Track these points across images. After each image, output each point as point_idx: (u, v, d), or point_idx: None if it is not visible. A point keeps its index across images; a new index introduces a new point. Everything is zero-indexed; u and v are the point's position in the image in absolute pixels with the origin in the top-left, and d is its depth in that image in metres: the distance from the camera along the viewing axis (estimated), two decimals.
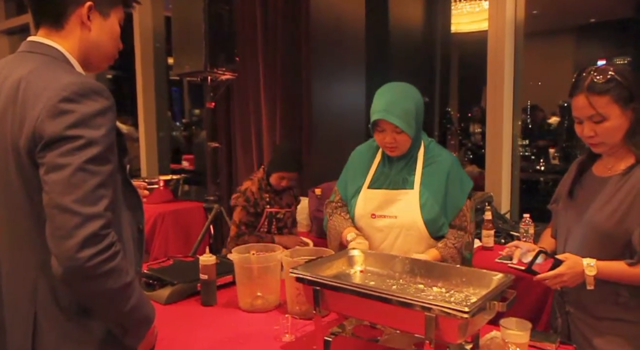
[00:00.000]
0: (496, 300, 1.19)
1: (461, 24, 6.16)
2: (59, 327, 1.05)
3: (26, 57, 1.10)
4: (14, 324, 1.08)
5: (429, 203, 1.74)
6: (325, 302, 1.35)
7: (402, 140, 1.73)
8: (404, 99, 1.73)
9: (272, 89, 3.47)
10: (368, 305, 1.26)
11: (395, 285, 1.45)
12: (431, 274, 1.46)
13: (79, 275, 0.95)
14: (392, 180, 1.81)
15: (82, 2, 1.11)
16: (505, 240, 2.68)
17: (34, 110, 0.99)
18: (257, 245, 1.85)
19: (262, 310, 1.73)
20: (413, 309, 1.17)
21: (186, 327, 1.61)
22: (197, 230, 3.48)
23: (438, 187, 1.76)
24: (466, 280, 1.39)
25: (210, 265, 1.77)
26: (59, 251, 0.95)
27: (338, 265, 1.55)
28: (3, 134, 1.03)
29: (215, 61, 3.11)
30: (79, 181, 0.96)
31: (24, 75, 1.04)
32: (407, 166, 1.81)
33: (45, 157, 0.97)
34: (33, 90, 1.01)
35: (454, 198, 1.78)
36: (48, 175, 0.96)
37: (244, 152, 3.72)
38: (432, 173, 1.78)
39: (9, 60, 1.12)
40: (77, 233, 0.94)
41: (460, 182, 1.80)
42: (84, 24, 1.12)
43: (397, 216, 1.76)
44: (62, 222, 0.94)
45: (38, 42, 1.11)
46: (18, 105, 1.02)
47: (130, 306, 1.04)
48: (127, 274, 1.02)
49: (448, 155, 1.84)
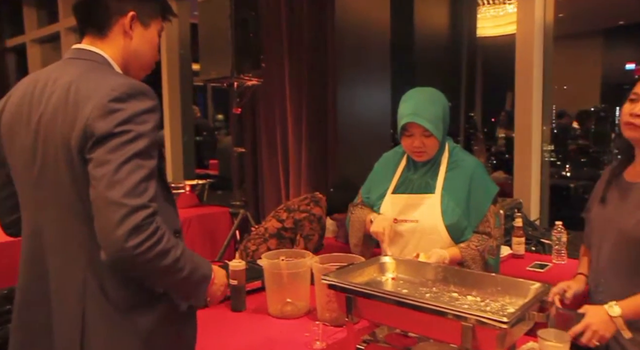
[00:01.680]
0: (535, 311, 1.17)
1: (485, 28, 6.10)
2: (107, 322, 1.08)
3: (73, 63, 1.16)
4: (63, 321, 1.10)
5: (450, 208, 1.73)
6: (358, 310, 1.34)
7: (430, 144, 1.74)
8: (432, 102, 1.73)
9: (298, 95, 3.48)
10: (402, 314, 1.24)
11: (428, 294, 1.43)
12: (465, 283, 1.44)
13: (129, 264, 1.00)
14: (415, 184, 1.81)
15: (125, 12, 1.17)
16: (536, 248, 2.63)
17: (85, 110, 1.03)
18: (286, 251, 1.85)
19: (291, 317, 1.72)
20: (449, 318, 1.15)
21: (216, 333, 1.61)
22: (223, 235, 3.50)
23: (460, 191, 1.75)
24: (502, 289, 1.37)
25: (240, 271, 1.78)
26: (107, 243, 0.99)
27: (369, 272, 1.54)
28: (54, 135, 1.07)
29: (241, 67, 3.13)
30: (125, 174, 1.00)
31: (73, 78, 1.09)
32: (431, 171, 1.81)
33: (94, 153, 1.01)
34: (83, 92, 1.06)
35: (478, 203, 1.76)
36: (96, 169, 1.00)
37: (270, 157, 3.73)
38: (454, 177, 1.77)
39: (57, 66, 1.18)
40: (123, 224, 0.97)
41: (484, 187, 1.78)
42: (126, 33, 1.18)
43: (419, 220, 1.76)
44: (109, 214, 0.98)
45: (84, 49, 1.17)
46: (69, 106, 1.06)
47: (185, 273, 1.07)
48: (176, 248, 1.05)
49: (472, 160, 1.83)
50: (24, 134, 1.12)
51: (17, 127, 1.14)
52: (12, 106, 1.17)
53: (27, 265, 1.18)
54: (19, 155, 1.15)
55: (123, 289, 1.08)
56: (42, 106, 1.10)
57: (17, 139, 1.15)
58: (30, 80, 1.19)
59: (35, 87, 1.14)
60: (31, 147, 1.11)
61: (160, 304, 1.13)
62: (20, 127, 1.14)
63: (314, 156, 3.44)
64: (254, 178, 3.89)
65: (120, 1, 1.16)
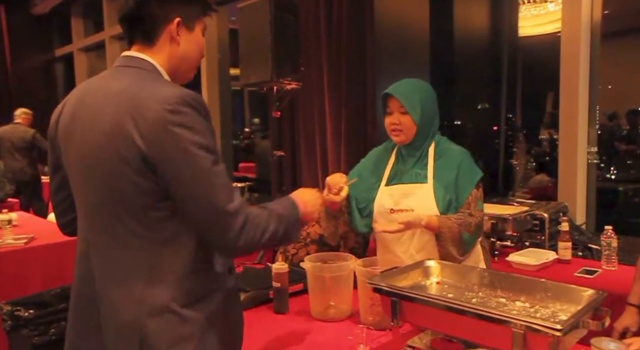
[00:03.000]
0: (589, 318, 1.13)
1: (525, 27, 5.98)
2: (163, 321, 1.10)
3: (123, 71, 1.17)
4: (115, 321, 1.12)
5: (442, 195, 1.79)
6: (403, 314, 1.33)
7: (406, 122, 1.81)
8: (412, 85, 1.85)
9: (337, 97, 3.48)
10: (449, 318, 1.23)
11: (475, 298, 1.41)
12: (513, 288, 1.41)
13: (243, 254, 1.14)
14: (406, 175, 1.87)
15: (172, 19, 1.18)
16: (583, 253, 2.55)
17: (141, 123, 1.04)
18: (329, 254, 1.85)
19: (334, 320, 1.72)
20: (499, 324, 1.12)
21: (259, 334, 1.63)
22: None
23: (449, 179, 1.80)
24: (552, 295, 1.33)
25: (283, 274, 1.79)
26: (221, 246, 1.11)
27: (414, 276, 1.52)
28: (110, 145, 1.08)
29: (280, 71, 3.16)
30: (215, 185, 1.07)
31: (124, 87, 1.11)
32: (419, 161, 1.86)
33: (165, 171, 1.05)
34: (137, 102, 1.07)
35: (462, 188, 1.81)
36: (184, 183, 1.05)
37: (308, 160, 3.75)
38: (443, 166, 1.83)
39: (108, 74, 1.20)
40: (231, 229, 1.07)
41: (470, 173, 1.83)
42: (174, 39, 1.19)
43: (414, 209, 1.79)
44: (218, 222, 1.07)
45: (134, 57, 1.18)
46: (122, 115, 1.07)
47: (281, 232, 1.18)
48: (268, 223, 1.14)
49: (458, 148, 1.89)
50: (78, 142, 1.15)
51: (72, 134, 1.17)
52: (66, 114, 1.20)
53: (78, 266, 1.21)
54: (73, 162, 1.18)
55: (180, 291, 1.11)
56: (94, 114, 1.12)
57: (71, 147, 1.17)
58: (83, 88, 1.21)
59: (88, 95, 1.17)
60: (83, 155, 1.13)
61: (215, 296, 1.17)
62: (74, 134, 1.16)
63: (352, 159, 3.44)
64: (292, 181, 3.92)
65: (165, 9, 1.17)
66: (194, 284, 1.13)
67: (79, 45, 7.97)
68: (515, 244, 2.63)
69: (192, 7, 1.22)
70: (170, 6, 1.17)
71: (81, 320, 1.20)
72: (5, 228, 3.02)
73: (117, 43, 7.15)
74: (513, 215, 2.50)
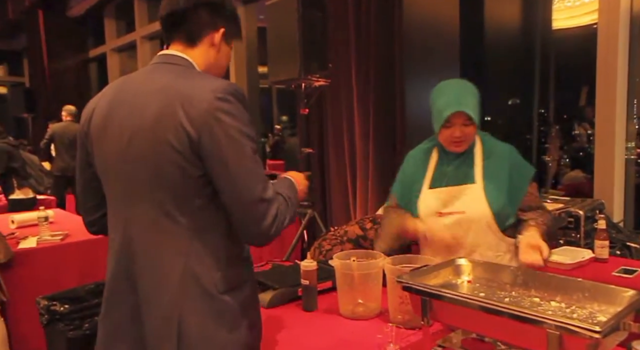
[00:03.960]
0: (630, 320, 1.08)
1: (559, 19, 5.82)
2: (203, 304, 1.16)
3: (164, 67, 1.23)
4: (155, 306, 1.17)
5: (494, 194, 1.74)
6: (433, 313, 1.31)
7: (470, 132, 1.76)
8: (469, 92, 1.78)
9: (365, 94, 3.46)
10: (480, 318, 1.20)
11: (507, 298, 1.37)
12: (547, 287, 1.36)
13: (270, 242, 1.17)
14: (452, 177, 1.81)
15: (218, 28, 1.28)
16: (621, 252, 2.47)
17: (191, 111, 1.11)
18: (358, 251, 1.83)
19: (363, 318, 1.71)
20: (533, 324, 1.09)
21: (288, 332, 1.63)
22: (291, 234, 3.53)
23: (501, 178, 1.76)
24: (589, 295, 1.28)
25: (312, 271, 1.78)
26: (256, 233, 1.15)
27: (444, 275, 1.49)
28: (159, 135, 1.13)
29: (309, 68, 3.15)
30: (256, 173, 1.14)
31: (168, 81, 1.17)
32: (466, 161, 1.81)
33: (213, 157, 1.11)
34: (188, 92, 1.13)
35: (518, 186, 1.77)
36: (226, 173, 1.12)
37: (337, 157, 3.73)
38: (493, 164, 1.78)
39: (148, 71, 1.25)
40: (267, 216, 1.14)
41: (522, 170, 1.80)
42: (214, 45, 1.28)
43: (466, 211, 1.76)
44: (255, 210, 1.13)
45: (174, 55, 1.25)
46: (172, 106, 1.12)
47: (293, 211, 1.24)
48: (287, 209, 1.20)
49: (505, 145, 1.84)
50: (117, 136, 1.19)
51: (110, 129, 1.20)
52: (101, 112, 1.23)
53: (116, 257, 1.24)
54: (110, 156, 1.21)
55: (217, 277, 1.17)
56: (137, 109, 1.17)
57: (108, 142, 1.21)
58: (118, 86, 1.26)
59: (125, 92, 1.22)
60: (125, 148, 1.17)
61: (246, 285, 1.24)
62: (110, 130, 1.20)
63: (381, 155, 3.41)
64: (321, 178, 3.91)
65: (214, 16, 1.26)
66: (228, 272, 1.19)
67: (112, 46, 8.14)
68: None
69: (234, 25, 1.33)
70: (220, 17, 1.27)
71: (117, 312, 1.23)
72: (43, 225, 3.11)
73: (148, 43, 7.27)
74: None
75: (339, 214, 3.72)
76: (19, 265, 2.82)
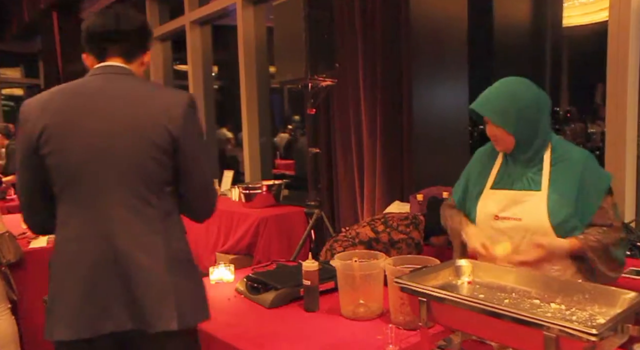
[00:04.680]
0: (630, 323, 1.07)
1: (573, 16, 5.74)
2: (185, 271, 1.44)
3: (121, 76, 1.44)
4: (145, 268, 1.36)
5: (558, 205, 1.62)
6: (432, 314, 1.30)
7: (500, 134, 1.68)
8: (505, 95, 1.68)
9: (372, 94, 3.44)
10: (478, 320, 1.19)
11: (507, 299, 1.36)
12: (548, 289, 1.35)
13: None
14: (516, 180, 1.71)
15: (148, 50, 1.55)
16: (631, 253, 2.42)
17: (172, 114, 1.38)
18: (360, 252, 1.83)
19: (364, 318, 1.70)
20: (530, 326, 1.08)
21: (289, 332, 1.63)
22: (299, 234, 3.54)
23: (570, 187, 1.63)
24: (589, 297, 1.26)
25: (313, 271, 1.78)
26: (209, 210, 1.53)
27: (444, 276, 1.49)
28: (140, 134, 1.36)
29: (315, 68, 3.15)
30: (208, 164, 1.50)
31: (137, 88, 1.43)
32: (533, 166, 1.70)
33: (186, 151, 1.40)
34: (166, 100, 1.40)
35: (590, 197, 1.63)
36: (193, 163, 1.43)
37: (344, 157, 3.72)
38: (561, 172, 1.66)
39: (104, 79, 1.43)
40: (216, 196, 1.55)
41: (596, 180, 1.65)
42: (143, 64, 1.54)
43: (522, 218, 1.66)
44: (210, 195, 1.52)
45: (123, 67, 1.47)
46: (153, 110, 1.38)
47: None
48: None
49: (579, 151, 1.70)
50: (89, 137, 1.35)
51: (77, 132, 1.35)
52: (57, 116, 1.36)
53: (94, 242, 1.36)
54: (82, 156, 1.35)
55: (186, 248, 1.47)
56: (108, 113, 1.36)
57: (77, 143, 1.35)
58: (68, 93, 1.41)
59: (84, 98, 1.38)
60: (102, 147, 1.34)
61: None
62: (80, 132, 1.35)
63: (389, 155, 3.39)
64: (328, 178, 3.91)
65: (149, 42, 1.54)
66: (187, 244, 1.48)
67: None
68: None
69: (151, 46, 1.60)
70: (149, 42, 1.54)
71: (103, 291, 1.35)
72: None
73: (159, 45, 7.31)
74: None
75: (347, 213, 3.71)
76: (29, 264, 2.86)
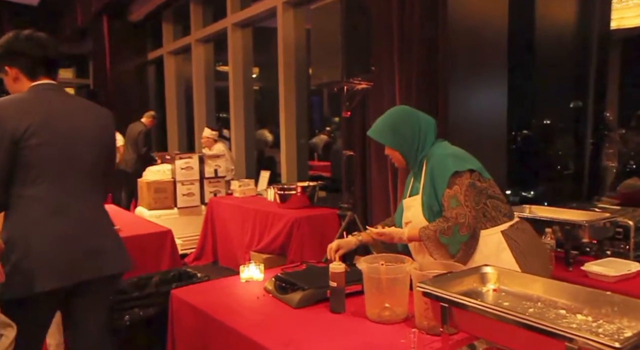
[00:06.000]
0: None
1: (625, 18, 5.53)
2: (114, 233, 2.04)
3: (67, 92, 2.01)
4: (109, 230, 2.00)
5: (427, 205, 1.92)
6: (454, 320, 1.30)
7: (391, 153, 2.05)
8: (382, 118, 2.05)
9: (407, 97, 3.43)
10: (500, 328, 1.18)
11: (532, 308, 1.34)
12: (576, 299, 1.32)
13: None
14: (412, 189, 2.05)
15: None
16: None
17: (109, 121, 2.02)
18: (386, 255, 1.83)
19: (389, 322, 1.71)
20: (551, 337, 1.06)
21: (314, 333, 1.65)
22: (332, 236, 3.55)
23: (430, 187, 1.91)
24: (619, 310, 1.23)
25: (340, 273, 1.80)
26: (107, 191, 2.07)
27: (469, 282, 1.48)
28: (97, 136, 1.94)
29: (351, 71, 3.17)
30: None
31: (83, 102, 1.99)
32: (417, 175, 2.01)
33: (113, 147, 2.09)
34: (105, 112, 2.02)
35: (438, 193, 1.89)
36: (113, 155, 2.11)
37: (378, 160, 3.72)
38: (427, 175, 1.94)
39: (62, 94, 1.95)
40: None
41: (440, 175, 1.88)
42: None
43: (412, 221, 1.98)
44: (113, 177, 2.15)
45: (61, 84, 1.94)
46: (103, 119, 1.99)
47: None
48: None
49: (438, 153, 1.94)
50: (64, 137, 1.83)
51: (54, 132, 1.80)
52: (40, 120, 1.78)
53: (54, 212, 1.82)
54: (58, 150, 1.81)
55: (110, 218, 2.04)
56: (78, 119, 1.89)
57: (54, 140, 1.80)
58: (45, 103, 1.84)
59: (57, 107, 1.86)
60: (76, 143, 1.85)
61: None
62: (57, 132, 1.81)
63: None
64: (362, 181, 3.91)
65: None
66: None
67: (168, 49, 8.46)
68: (595, 252, 2.46)
69: None
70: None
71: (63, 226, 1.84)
72: None
73: (202, 46, 7.51)
74: (589, 221, 2.33)
75: (380, 216, 3.70)
76: None
